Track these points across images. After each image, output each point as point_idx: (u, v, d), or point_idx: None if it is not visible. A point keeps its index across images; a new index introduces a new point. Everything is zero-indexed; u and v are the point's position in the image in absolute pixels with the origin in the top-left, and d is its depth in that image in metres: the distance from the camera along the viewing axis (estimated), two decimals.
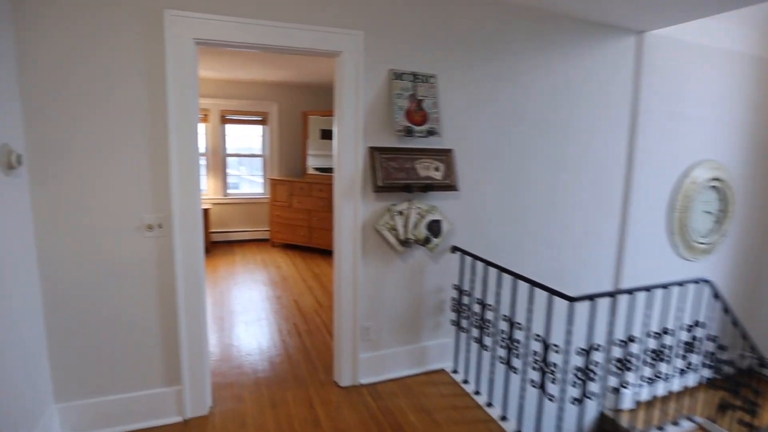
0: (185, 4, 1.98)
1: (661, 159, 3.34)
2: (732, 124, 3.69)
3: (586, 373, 1.85)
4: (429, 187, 2.47)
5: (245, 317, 3.71)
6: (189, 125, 2.05)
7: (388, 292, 2.59)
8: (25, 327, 1.85)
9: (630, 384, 2.33)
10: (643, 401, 3.44)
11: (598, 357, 1.77)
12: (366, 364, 2.60)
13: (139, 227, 2.04)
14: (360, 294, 2.51)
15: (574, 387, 1.95)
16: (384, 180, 2.39)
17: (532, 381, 2.08)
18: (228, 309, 3.87)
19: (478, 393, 2.51)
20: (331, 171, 6.32)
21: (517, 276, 2.11)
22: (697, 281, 2.51)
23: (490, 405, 2.40)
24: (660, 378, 2.49)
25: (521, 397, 2.16)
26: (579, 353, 1.85)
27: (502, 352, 2.26)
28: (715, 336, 2.86)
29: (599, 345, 1.78)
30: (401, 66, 2.41)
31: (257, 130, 6.48)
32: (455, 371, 2.74)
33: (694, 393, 3.67)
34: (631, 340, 2.20)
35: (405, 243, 2.49)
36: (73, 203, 1.94)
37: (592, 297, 1.84)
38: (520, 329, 2.13)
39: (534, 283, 1.99)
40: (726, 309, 2.77)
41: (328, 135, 6.14)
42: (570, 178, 2.94)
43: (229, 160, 6.40)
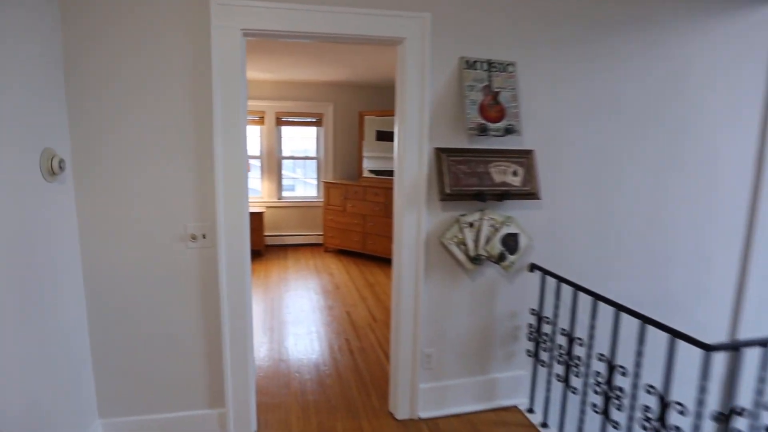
0: None
1: None
2: None
3: None
4: (505, 195, 2.12)
5: (296, 329, 3.53)
6: (236, 127, 1.86)
7: (453, 315, 2.27)
8: (73, 338, 1.79)
9: None
10: None
11: (741, 425, 1.35)
12: (426, 395, 2.29)
13: (183, 237, 1.88)
14: (421, 316, 2.21)
15: None
16: (452, 187, 2.07)
17: None
18: (278, 319, 3.71)
19: None
20: (387, 174, 6.09)
21: (623, 308, 1.71)
22: None
23: None
24: None
25: None
26: (716, 418, 1.41)
27: (596, 398, 1.86)
28: None
29: (743, 409, 1.35)
30: (474, 53, 2.08)
31: (312, 131, 6.39)
32: (530, 410, 2.36)
33: None
34: None
35: (475, 260, 2.15)
36: (116, 211, 1.82)
37: (736, 346, 1.40)
38: (623, 375, 1.73)
39: (649, 321, 1.58)
40: None
41: (383, 136, 5.90)
42: (680, 185, 2.44)
43: (284, 162, 6.35)
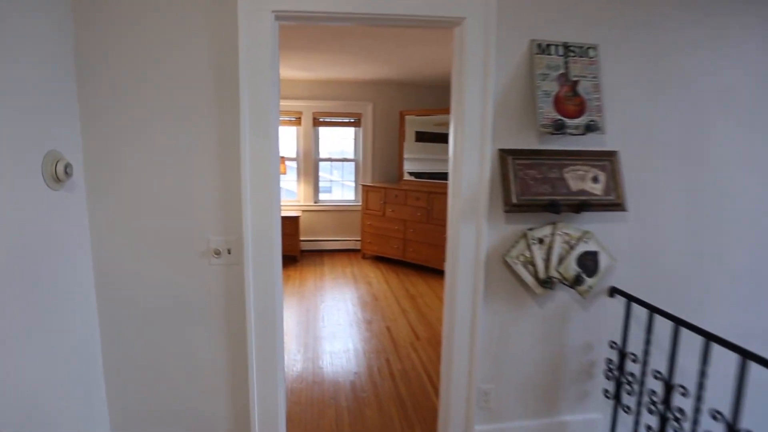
0: None
1: None
2: None
3: None
4: (583, 206, 1.77)
5: (332, 345, 3.28)
6: (267, 127, 1.61)
7: (516, 346, 1.93)
8: (85, 357, 1.60)
9: None
10: None
11: None
12: None
13: (205, 252, 1.66)
14: (478, 347, 1.89)
15: None
16: (520, 195, 1.74)
17: None
18: (313, 334, 3.48)
19: None
20: (429, 177, 5.78)
21: (752, 356, 1.32)
22: None
23: None
24: None
25: None
26: None
27: None
28: None
29: None
30: (547, 35, 1.75)
31: (350, 132, 6.16)
32: None
33: None
34: None
35: (546, 283, 1.81)
36: (132, 223, 1.61)
37: None
38: None
39: None
40: None
41: (423, 137, 5.60)
42: None
43: (321, 164, 6.16)
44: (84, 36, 1.50)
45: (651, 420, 1.75)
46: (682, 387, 1.62)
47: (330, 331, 3.53)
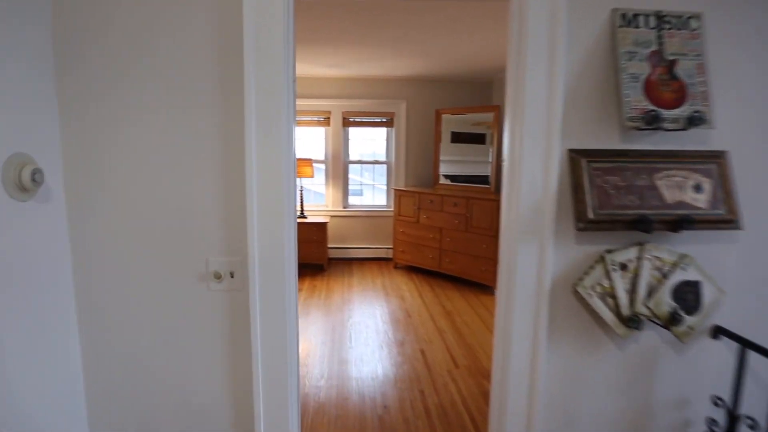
0: None
1: None
2: None
3: None
4: (683, 222, 1.37)
5: (359, 371, 2.97)
6: (278, 126, 1.31)
7: (588, 398, 1.55)
8: (65, 408, 1.32)
9: None
10: None
11: None
12: None
13: (204, 275, 1.38)
14: (539, 394, 1.52)
15: None
16: (597, 209, 1.36)
17: None
18: (338, 356, 3.17)
19: None
20: (465, 180, 5.38)
21: None
22: None
23: None
24: None
25: None
26: None
27: None
28: None
29: None
30: (634, 1, 1.37)
31: (381, 133, 5.86)
32: None
33: None
34: None
35: (631, 321, 1.42)
36: (118, 240, 1.35)
37: None
38: None
39: None
40: None
41: (458, 138, 5.24)
42: None
43: (351, 167, 5.89)
44: (64, 12, 1.25)
45: None
46: None
47: (357, 354, 3.22)
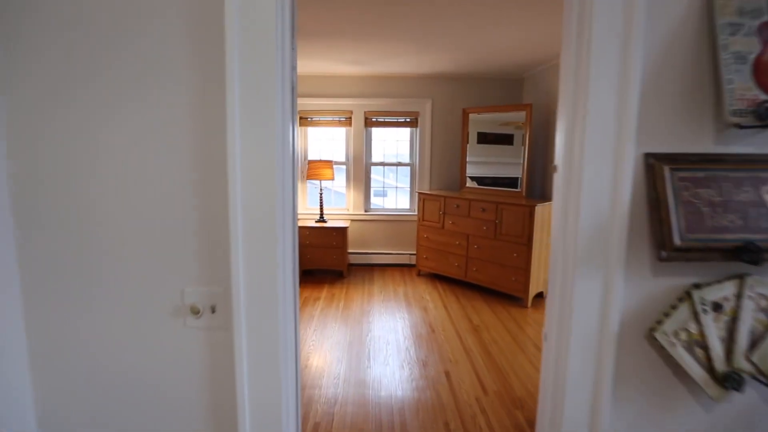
0: None
1: None
2: None
3: None
4: None
5: (376, 396, 2.68)
6: (268, 127, 1.03)
7: None
8: None
9: None
10: None
11: None
12: None
13: (178, 309, 1.11)
14: None
15: None
16: (686, 233, 1.03)
17: None
18: (355, 378, 2.89)
19: None
20: (492, 183, 5.02)
21: None
22: None
23: None
24: None
25: None
26: None
27: None
28: None
29: None
30: None
31: (405, 133, 5.56)
32: None
33: None
34: None
35: (728, 380, 1.08)
36: (74, 269, 1.10)
37: None
38: None
39: None
40: None
41: (485, 139, 4.89)
42: None
43: (374, 168, 5.61)
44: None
45: None
46: None
47: (376, 375, 2.93)
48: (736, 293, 1.08)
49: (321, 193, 5.19)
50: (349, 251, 5.46)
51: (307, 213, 5.45)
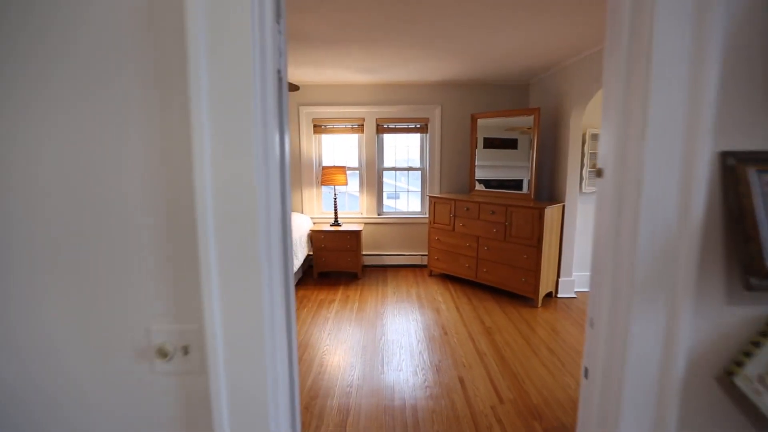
0: None
1: None
2: None
3: None
4: None
5: (390, 405, 2.39)
6: (244, 131, 0.76)
7: None
8: None
9: None
10: None
11: None
12: None
13: (144, 351, 0.85)
14: None
15: None
16: None
17: None
18: (368, 385, 2.61)
19: None
20: (499, 186, 4.70)
21: None
22: None
23: None
24: None
25: None
26: None
27: None
28: None
29: None
30: None
31: (415, 139, 5.26)
32: None
33: None
34: None
35: None
36: (15, 308, 0.84)
37: None
38: None
39: None
40: None
41: (492, 143, 4.58)
42: None
43: (386, 173, 5.33)
44: None
45: None
46: None
47: (389, 381, 2.65)
48: None
49: (335, 198, 4.93)
50: (363, 253, 5.20)
51: (322, 217, 5.20)
